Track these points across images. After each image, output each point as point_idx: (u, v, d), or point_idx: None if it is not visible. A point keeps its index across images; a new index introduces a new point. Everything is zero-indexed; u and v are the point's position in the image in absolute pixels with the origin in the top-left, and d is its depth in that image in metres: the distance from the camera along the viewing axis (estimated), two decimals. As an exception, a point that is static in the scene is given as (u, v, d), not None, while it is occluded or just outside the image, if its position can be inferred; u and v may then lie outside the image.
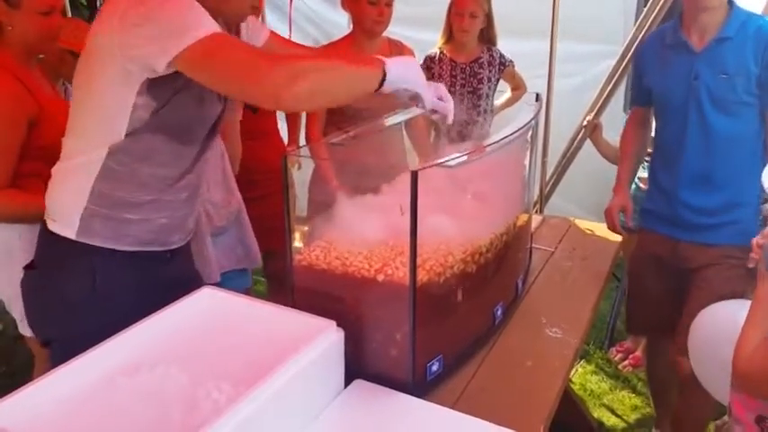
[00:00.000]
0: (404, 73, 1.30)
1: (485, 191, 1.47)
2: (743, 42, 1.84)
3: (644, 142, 2.29)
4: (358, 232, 1.30)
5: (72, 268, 1.38)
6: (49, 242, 1.41)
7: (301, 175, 1.49)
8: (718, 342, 1.48)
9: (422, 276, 1.26)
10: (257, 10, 1.19)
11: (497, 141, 1.43)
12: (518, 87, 2.84)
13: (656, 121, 2.13)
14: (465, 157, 1.29)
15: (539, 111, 1.79)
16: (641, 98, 2.15)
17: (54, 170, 1.42)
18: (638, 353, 3.06)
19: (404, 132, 1.88)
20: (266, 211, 2.19)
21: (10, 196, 1.72)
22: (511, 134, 1.48)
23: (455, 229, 1.35)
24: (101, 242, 1.37)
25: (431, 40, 2.90)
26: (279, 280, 2.40)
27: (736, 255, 1.99)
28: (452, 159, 1.28)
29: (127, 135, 1.29)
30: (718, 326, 1.61)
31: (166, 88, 1.26)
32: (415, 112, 2.00)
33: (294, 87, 1.12)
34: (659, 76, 1.99)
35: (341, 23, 3.37)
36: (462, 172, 1.33)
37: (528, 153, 1.75)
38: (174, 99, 1.28)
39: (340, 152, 1.41)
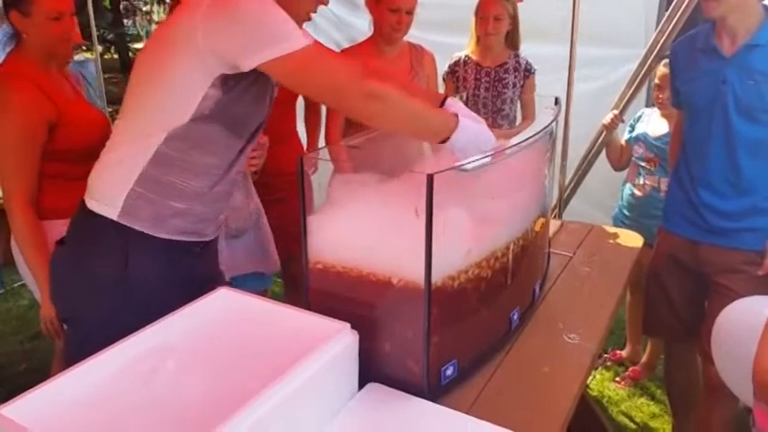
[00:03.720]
0: (467, 143, 1.34)
1: (502, 194, 1.46)
2: None
3: None
4: (374, 234, 1.30)
5: (107, 247, 1.39)
6: (86, 220, 1.42)
7: (318, 177, 1.49)
8: (743, 340, 1.45)
9: (437, 279, 1.26)
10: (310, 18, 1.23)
11: (516, 145, 1.42)
12: (527, 104, 2.81)
13: (684, 123, 2.10)
14: (482, 161, 1.29)
15: (558, 114, 1.78)
16: (676, 101, 2.14)
17: (104, 152, 1.43)
18: (638, 367, 3.03)
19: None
20: (285, 214, 2.20)
21: (30, 223, 1.81)
22: (530, 137, 1.47)
23: (471, 232, 1.34)
24: (141, 227, 1.38)
25: (449, 44, 2.89)
26: (296, 283, 2.41)
27: (758, 262, 1.97)
28: (469, 163, 1.27)
29: (189, 121, 1.32)
30: (743, 323, 1.57)
31: (239, 83, 1.31)
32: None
33: (371, 106, 1.26)
34: (688, 78, 1.98)
35: (363, 28, 3.38)
36: (479, 176, 1.32)
37: (547, 157, 1.74)
38: (242, 94, 1.33)
39: (357, 154, 1.41)
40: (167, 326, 1.26)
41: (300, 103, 2.63)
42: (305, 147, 2.59)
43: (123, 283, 1.38)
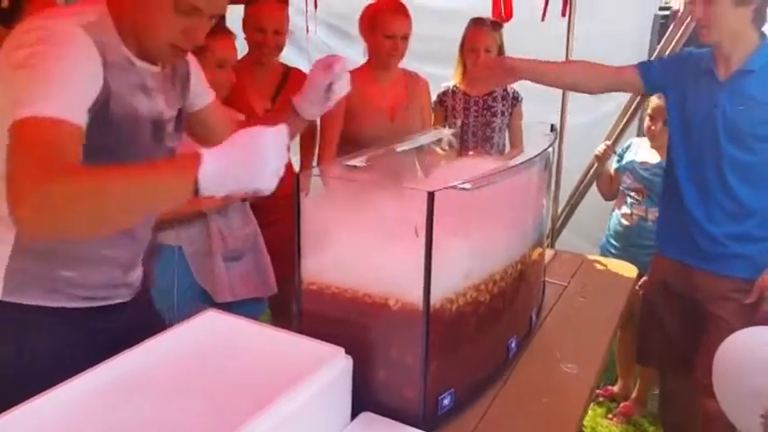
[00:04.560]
0: (226, 179, 0.98)
1: (502, 216, 1.42)
2: (765, 76, 1.83)
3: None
4: (370, 254, 1.25)
5: None
6: None
7: (314, 197, 1.45)
8: (746, 372, 1.40)
9: (435, 302, 1.21)
10: (183, 53, 1.17)
11: (514, 166, 1.40)
12: (515, 132, 2.82)
13: (671, 148, 2.08)
14: (482, 181, 1.25)
15: (554, 141, 1.76)
16: (646, 69, 2.08)
17: None
18: (629, 402, 2.97)
19: (416, 159, 1.85)
20: (279, 236, 2.15)
21: None
22: (528, 159, 1.45)
23: (469, 254, 1.30)
24: (31, 300, 1.20)
25: (440, 75, 2.90)
26: (284, 307, 2.34)
27: (747, 289, 1.96)
28: (469, 182, 1.24)
29: None
30: (746, 354, 1.53)
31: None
32: (428, 138, 1.99)
33: (34, 217, 0.91)
34: (685, 96, 1.97)
35: (355, 58, 3.40)
36: (478, 196, 1.29)
37: (545, 182, 1.71)
38: (96, 141, 1.07)
39: (354, 173, 1.37)
40: (149, 350, 1.19)
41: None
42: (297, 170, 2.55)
43: (23, 371, 1.18)
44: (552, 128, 1.93)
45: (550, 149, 1.72)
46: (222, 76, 1.82)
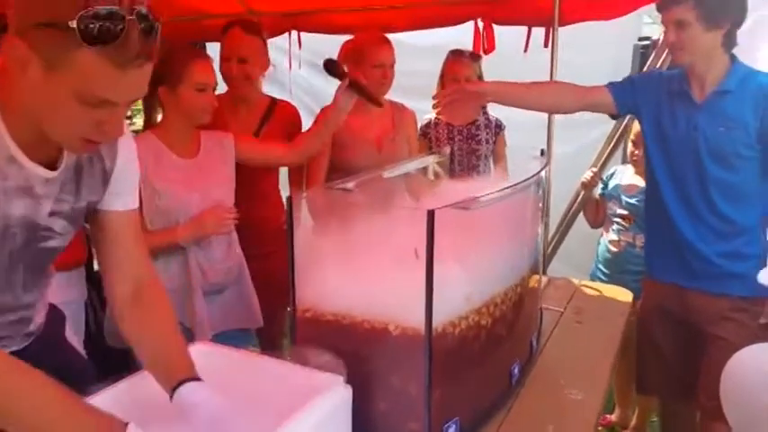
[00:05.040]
0: None
1: (498, 238, 1.39)
2: (742, 96, 1.85)
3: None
4: (368, 279, 1.21)
5: None
6: None
7: (306, 222, 1.41)
8: (755, 389, 1.37)
9: (437, 325, 1.17)
10: (93, 144, 1.00)
11: (511, 186, 1.38)
12: (500, 159, 2.84)
13: (649, 166, 2.07)
14: (480, 201, 1.23)
15: (548, 163, 1.75)
16: (616, 90, 2.07)
17: None
18: (628, 431, 2.91)
19: (404, 184, 1.83)
20: (267, 269, 2.08)
21: None
22: (525, 180, 1.43)
23: (470, 276, 1.26)
24: None
25: (423, 109, 2.91)
26: (274, 345, 2.27)
27: (746, 308, 1.93)
28: (468, 201, 1.21)
29: None
30: (755, 371, 1.50)
31: None
32: (416, 165, 1.98)
33: None
34: (660, 117, 1.97)
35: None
36: (476, 217, 1.26)
37: (538, 206, 1.69)
38: None
39: (346, 196, 1.34)
40: (137, 385, 1.13)
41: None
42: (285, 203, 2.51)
43: None
44: (543, 152, 1.93)
45: (543, 173, 1.70)
46: (201, 100, 1.79)
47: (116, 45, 0.87)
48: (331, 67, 1.99)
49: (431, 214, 1.10)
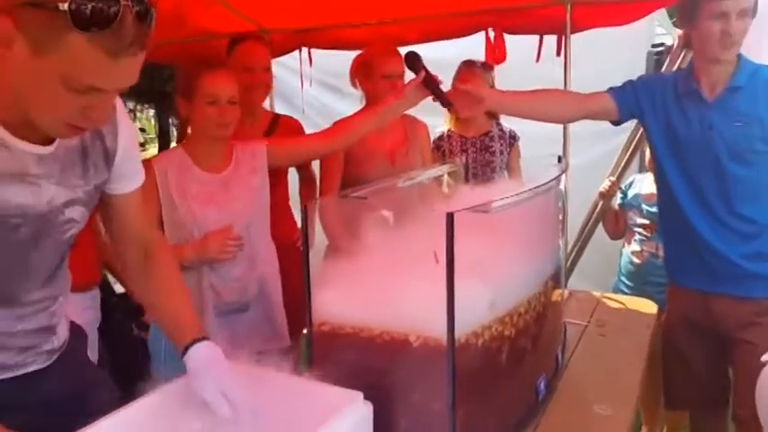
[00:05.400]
0: None
1: (520, 243, 1.34)
2: (754, 91, 1.81)
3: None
4: (386, 288, 1.16)
5: None
6: None
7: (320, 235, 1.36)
8: None
9: (460, 335, 1.11)
10: (79, 130, 0.97)
11: (529, 189, 1.33)
12: (514, 171, 2.79)
13: (661, 171, 2.00)
14: (500, 202, 1.18)
15: (566, 168, 1.69)
16: (617, 95, 1.99)
17: None
18: None
19: (419, 193, 1.78)
20: (282, 289, 2.04)
21: None
22: (544, 183, 1.38)
23: (492, 283, 1.21)
24: None
25: (432, 124, 2.88)
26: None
27: None
28: (487, 204, 1.16)
29: None
30: None
31: None
32: (431, 174, 1.93)
33: None
34: (670, 120, 1.91)
35: (347, 112, 3.39)
36: (497, 220, 1.21)
37: (558, 212, 1.64)
38: None
39: (363, 204, 1.29)
40: (155, 401, 1.08)
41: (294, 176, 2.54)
42: (298, 221, 2.47)
43: None
44: (560, 159, 1.88)
45: (562, 185, 1.65)
46: (212, 113, 1.74)
47: (109, 31, 0.82)
48: (412, 60, 1.92)
49: (450, 217, 1.05)
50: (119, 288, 2.57)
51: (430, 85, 1.85)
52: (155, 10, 0.89)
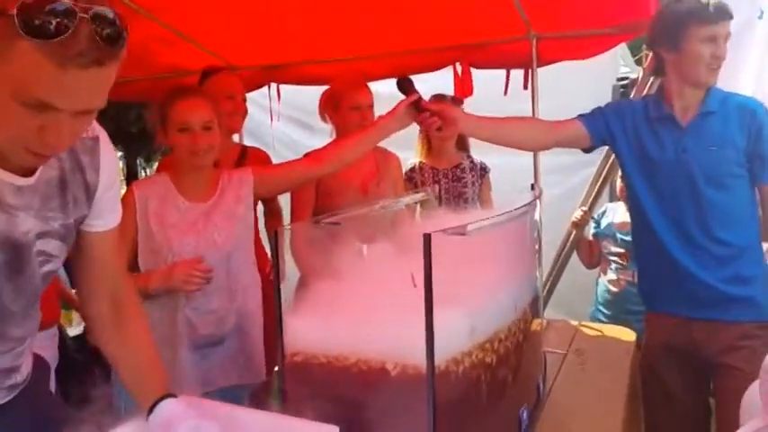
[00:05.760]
0: None
1: (498, 267, 1.30)
2: (727, 116, 1.84)
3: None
4: (361, 315, 1.11)
5: None
6: None
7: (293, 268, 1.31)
8: None
9: (440, 362, 1.06)
10: (39, 157, 0.92)
11: (507, 212, 1.30)
12: (485, 202, 2.80)
13: (635, 197, 2.00)
14: (478, 224, 1.15)
15: (540, 194, 1.68)
16: (597, 124, 2.00)
17: None
18: None
19: (392, 220, 1.74)
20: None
21: None
22: (522, 206, 1.36)
23: (472, 308, 1.17)
24: None
25: (404, 159, 2.88)
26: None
27: (755, 334, 1.84)
28: (464, 226, 1.13)
29: None
30: None
31: None
32: (405, 201, 1.91)
33: None
34: (643, 144, 1.92)
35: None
36: (475, 243, 1.17)
37: (535, 238, 1.62)
38: None
39: (335, 230, 1.25)
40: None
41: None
42: (269, 252, 2.41)
43: None
44: (533, 186, 1.87)
45: (536, 214, 1.63)
46: (185, 141, 1.70)
47: (57, 40, 0.78)
48: (404, 85, 1.89)
49: (428, 238, 1.01)
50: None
51: (420, 107, 1.84)
52: (125, 33, 0.86)
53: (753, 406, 1.58)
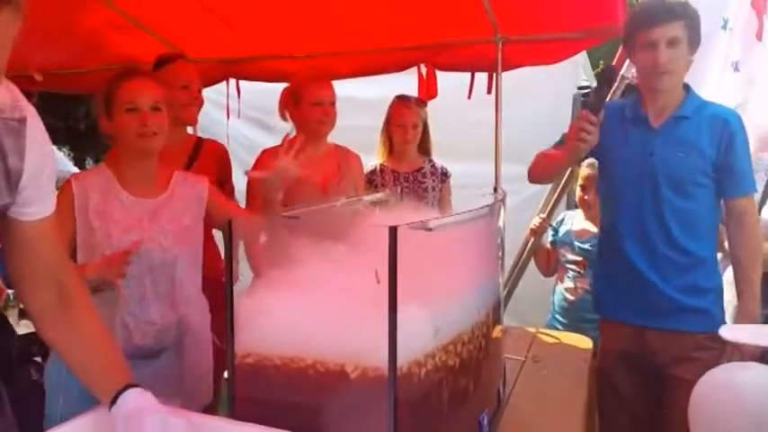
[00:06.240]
0: None
1: (462, 268, 1.26)
2: (699, 124, 1.84)
3: None
4: (319, 313, 1.04)
5: None
6: None
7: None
8: (725, 413, 1.26)
9: (402, 364, 1.00)
10: None
11: (472, 210, 1.26)
12: (446, 206, 2.78)
13: (606, 201, 2.01)
14: (443, 220, 1.10)
15: (505, 195, 1.65)
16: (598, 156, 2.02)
17: None
18: None
19: (351, 215, 1.68)
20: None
21: None
22: (487, 205, 1.32)
23: (436, 307, 1.11)
24: None
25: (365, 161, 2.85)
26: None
27: (708, 346, 1.84)
28: (430, 221, 1.08)
29: None
30: (723, 394, 1.39)
31: None
32: (365, 199, 1.85)
33: None
34: (615, 145, 1.92)
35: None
36: (439, 240, 1.13)
37: (498, 239, 1.58)
38: None
39: (293, 224, 1.18)
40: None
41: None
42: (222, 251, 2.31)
43: None
44: (495, 189, 1.84)
45: (501, 212, 1.60)
46: (132, 121, 1.59)
47: None
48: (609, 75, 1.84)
49: (393, 231, 0.95)
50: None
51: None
52: None
53: (701, 411, 1.58)
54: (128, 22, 2.60)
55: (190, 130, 2.36)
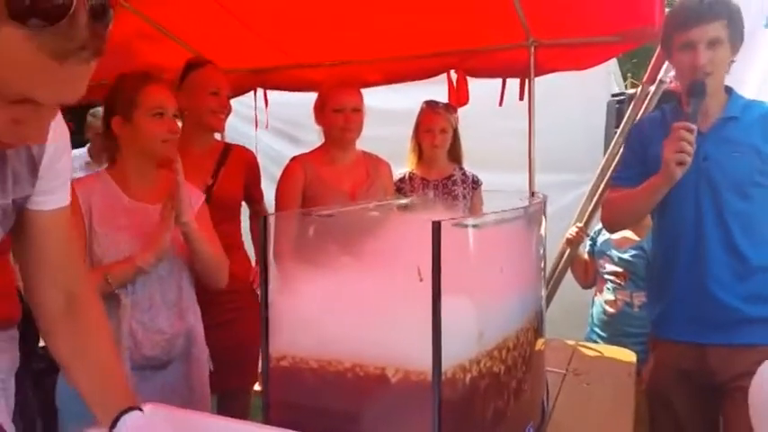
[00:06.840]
0: None
1: (506, 269, 1.18)
2: (750, 122, 1.75)
3: None
4: (358, 314, 0.98)
5: None
6: None
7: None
8: None
9: (446, 368, 0.93)
10: (8, 146, 0.83)
11: (513, 209, 1.20)
12: (477, 215, 2.71)
13: (660, 215, 1.91)
14: (489, 216, 1.04)
15: (546, 199, 1.57)
16: (636, 177, 1.87)
17: None
18: None
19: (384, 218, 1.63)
20: (227, 341, 1.84)
21: None
22: (530, 205, 1.25)
23: (481, 310, 1.05)
24: None
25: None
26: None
27: None
28: (475, 217, 1.02)
29: None
30: None
31: None
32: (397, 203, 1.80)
33: None
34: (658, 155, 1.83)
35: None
36: (484, 239, 1.06)
37: (541, 243, 1.51)
38: None
39: (328, 222, 1.13)
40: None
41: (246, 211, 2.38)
42: (252, 260, 2.27)
43: None
44: (533, 194, 1.77)
45: (543, 220, 1.53)
46: (160, 127, 1.57)
47: (57, 28, 0.64)
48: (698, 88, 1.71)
49: (437, 225, 0.90)
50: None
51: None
52: (112, 11, 0.72)
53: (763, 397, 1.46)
54: (157, 32, 2.60)
55: (217, 136, 2.33)
